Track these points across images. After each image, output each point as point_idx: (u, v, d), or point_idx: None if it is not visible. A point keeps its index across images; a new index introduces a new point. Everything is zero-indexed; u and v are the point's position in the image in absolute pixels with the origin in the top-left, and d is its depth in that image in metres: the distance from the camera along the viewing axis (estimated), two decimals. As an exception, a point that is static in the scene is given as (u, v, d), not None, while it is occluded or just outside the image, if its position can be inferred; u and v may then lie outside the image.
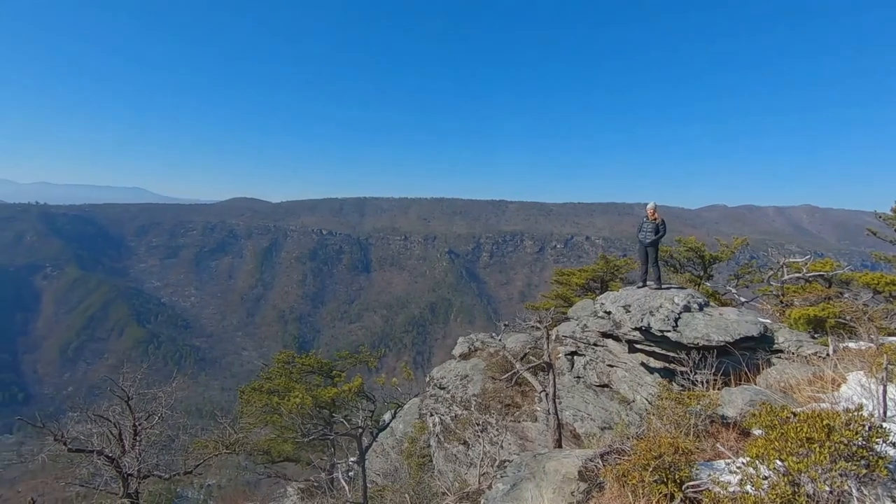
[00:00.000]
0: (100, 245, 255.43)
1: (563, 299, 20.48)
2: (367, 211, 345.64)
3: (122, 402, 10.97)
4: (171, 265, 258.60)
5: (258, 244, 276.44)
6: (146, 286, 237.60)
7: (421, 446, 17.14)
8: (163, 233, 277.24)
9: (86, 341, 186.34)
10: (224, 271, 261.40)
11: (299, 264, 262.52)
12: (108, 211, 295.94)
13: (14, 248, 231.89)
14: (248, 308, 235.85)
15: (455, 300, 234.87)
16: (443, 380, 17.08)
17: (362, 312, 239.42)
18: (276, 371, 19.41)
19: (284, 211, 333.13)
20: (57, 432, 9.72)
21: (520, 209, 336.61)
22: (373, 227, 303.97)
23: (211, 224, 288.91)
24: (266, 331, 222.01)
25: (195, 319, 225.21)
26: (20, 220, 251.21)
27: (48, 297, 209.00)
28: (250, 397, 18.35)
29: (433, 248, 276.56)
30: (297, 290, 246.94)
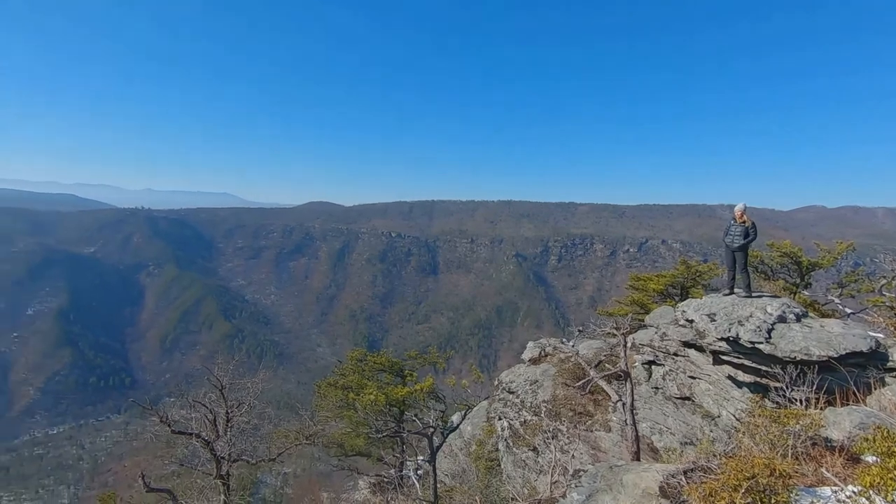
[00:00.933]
0: (194, 246, 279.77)
1: (640, 306, 19.57)
2: (435, 214, 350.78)
3: (217, 390, 11.97)
4: (254, 265, 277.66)
5: (332, 246, 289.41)
6: (232, 284, 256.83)
7: (489, 449, 17.09)
8: (247, 235, 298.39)
9: (181, 333, 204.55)
10: (301, 271, 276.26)
11: (370, 266, 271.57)
12: (201, 215, 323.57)
13: (123, 248, 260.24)
14: (323, 307, 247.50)
15: (522, 304, 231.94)
16: (512, 384, 16.94)
17: (429, 314, 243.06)
18: (350, 368, 20.19)
19: (356, 214, 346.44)
20: (162, 415, 10.81)
21: (590, 211, 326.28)
22: (440, 230, 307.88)
23: (290, 227, 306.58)
24: (339, 329, 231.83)
25: (275, 316, 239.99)
26: (128, 224, 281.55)
27: (150, 293, 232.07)
28: (326, 392, 19.24)
29: (500, 250, 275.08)
30: (367, 290, 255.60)
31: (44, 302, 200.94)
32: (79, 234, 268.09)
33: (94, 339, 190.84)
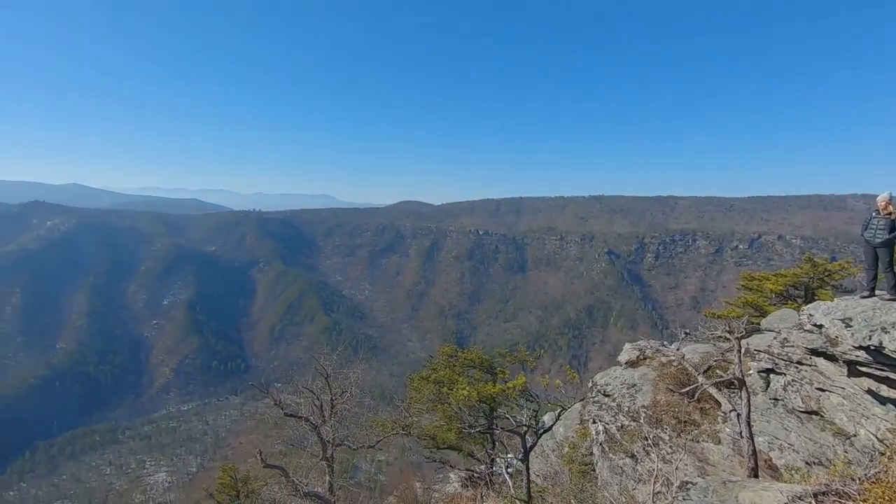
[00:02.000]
0: (298, 244, 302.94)
1: (754, 308, 17.75)
2: (522, 211, 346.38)
3: (322, 378, 12.90)
4: (350, 262, 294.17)
5: (421, 244, 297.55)
6: (331, 280, 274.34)
7: (583, 453, 16.56)
8: (344, 234, 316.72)
9: (287, 325, 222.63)
10: (393, 269, 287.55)
11: (458, 263, 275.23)
12: (304, 216, 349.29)
13: (238, 247, 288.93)
14: (413, 303, 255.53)
15: (615, 303, 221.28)
16: (607, 387, 16.25)
17: (517, 312, 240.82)
18: (441, 363, 20.64)
19: (445, 213, 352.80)
20: (276, 398, 11.88)
21: (692, 205, 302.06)
22: (528, 227, 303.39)
23: (382, 226, 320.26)
24: (428, 324, 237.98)
25: (369, 311, 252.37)
26: (242, 225, 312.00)
27: (261, 288, 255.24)
28: (418, 385, 19.85)
29: (591, 248, 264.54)
30: (455, 287, 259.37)
31: (176, 294, 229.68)
32: (203, 234, 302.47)
33: (216, 327, 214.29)
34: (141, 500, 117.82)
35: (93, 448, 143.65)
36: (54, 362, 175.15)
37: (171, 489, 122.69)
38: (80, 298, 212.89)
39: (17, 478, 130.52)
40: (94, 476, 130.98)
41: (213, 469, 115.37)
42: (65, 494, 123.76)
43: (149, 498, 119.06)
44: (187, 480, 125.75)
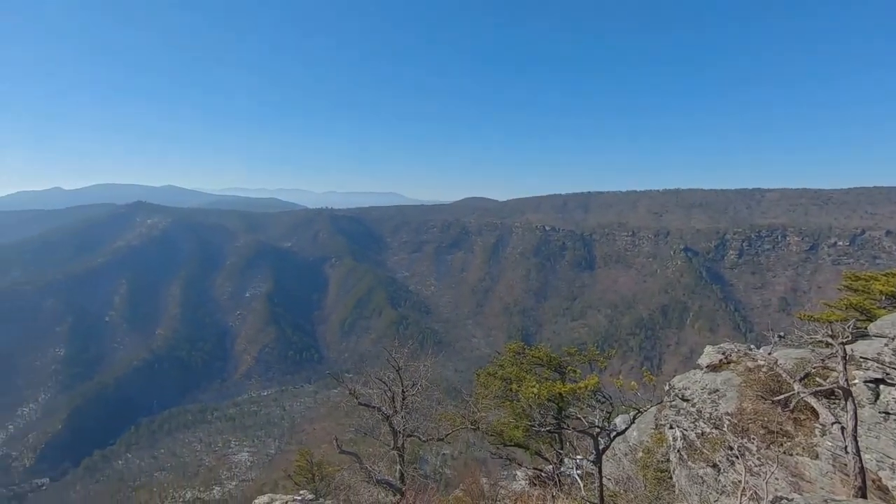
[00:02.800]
0: (367, 241, 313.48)
1: (859, 310, 15.97)
2: (591, 206, 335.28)
3: (394, 370, 13.26)
4: (416, 258, 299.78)
5: (487, 240, 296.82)
6: (398, 276, 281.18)
7: (658, 459, 15.78)
8: (410, 230, 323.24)
9: (356, 319, 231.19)
10: (458, 265, 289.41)
11: (523, 260, 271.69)
12: (373, 213, 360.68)
13: (312, 243, 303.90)
14: (478, 299, 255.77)
15: (692, 304, 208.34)
16: (686, 391, 15.33)
17: (585, 310, 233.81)
18: (508, 360, 20.48)
19: (510, 209, 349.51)
20: (351, 388, 12.37)
21: (781, 198, 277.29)
22: (597, 223, 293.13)
23: (447, 222, 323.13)
24: (493, 321, 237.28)
25: (435, 306, 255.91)
26: (316, 222, 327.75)
27: (333, 282, 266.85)
28: (485, 381, 19.85)
29: (665, 244, 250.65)
30: (521, 284, 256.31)
31: (257, 287, 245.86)
32: (280, 231, 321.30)
33: (292, 319, 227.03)
34: (227, 477, 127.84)
35: (186, 426, 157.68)
36: (154, 347, 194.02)
37: (253, 468, 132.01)
38: (175, 290, 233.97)
39: (124, 449, 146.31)
40: (187, 451, 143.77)
41: (290, 452, 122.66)
42: (163, 466, 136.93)
43: (234, 475, 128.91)
44: (267, 461, 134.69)
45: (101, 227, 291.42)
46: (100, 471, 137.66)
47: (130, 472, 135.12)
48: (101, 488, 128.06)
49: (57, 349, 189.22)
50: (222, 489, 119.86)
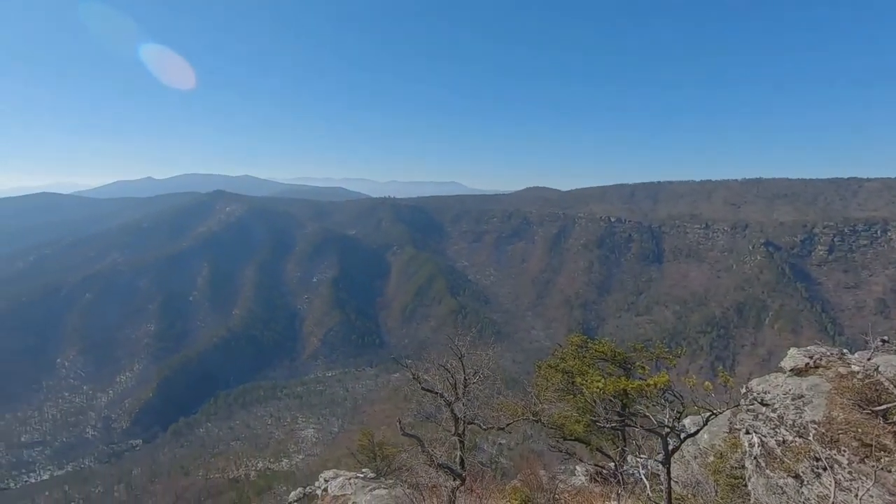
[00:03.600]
0: (428, 230, 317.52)
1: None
2: (661, 197, 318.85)
3: (457, 358, 13.41)
4: (476, 248, 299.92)
5: (548, 231, 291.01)
6: (457, 265, 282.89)
7: (732, 465, 14.88)
8: (471, 220, 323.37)
9: (416, 306, 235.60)
10: (518, 255, 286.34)
11: (586, 251, 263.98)
12: (433, 202, 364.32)
13: (375, 231, 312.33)
14: (538, 290, 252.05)
15: (772, 302, 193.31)
16: (766, 395, 14.29)
17: (651, 305, 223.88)
18: (570, 353, 20.04)
19: (573, 199, 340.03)
20: (415, 373, 12.66)
21: (882, 188, 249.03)
22: (667, 214, 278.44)
23: (508, 212, 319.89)
24: (553, 313, 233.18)
25: (494, 297, 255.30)
26: (379, 210, 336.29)
27: (394, 270, 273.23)
28: (546, 373, 19.57)
29: (743, 238, 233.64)
30: (583, 276, 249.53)
31: (323, 273, 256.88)
32: (346, 219, 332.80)
33: (355, 304, 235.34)
34: (294, 451, 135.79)
35: (258, 401, 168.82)
36: (231, 326, 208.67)
37: (318, 444, 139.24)
38: (250, 273, 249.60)
39: (205, 418, 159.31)
40: (259, 424, 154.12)
41: (352, 431, 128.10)
42: (238, 436, 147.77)
43: (300, 449, 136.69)
44: (330, 438, 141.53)
45: (186, 214, 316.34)
46: (184, 436, 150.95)
47: (210, 440, 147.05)
48: (185, 452, 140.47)
49: (149, 325, 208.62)
50: (290, 462, 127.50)
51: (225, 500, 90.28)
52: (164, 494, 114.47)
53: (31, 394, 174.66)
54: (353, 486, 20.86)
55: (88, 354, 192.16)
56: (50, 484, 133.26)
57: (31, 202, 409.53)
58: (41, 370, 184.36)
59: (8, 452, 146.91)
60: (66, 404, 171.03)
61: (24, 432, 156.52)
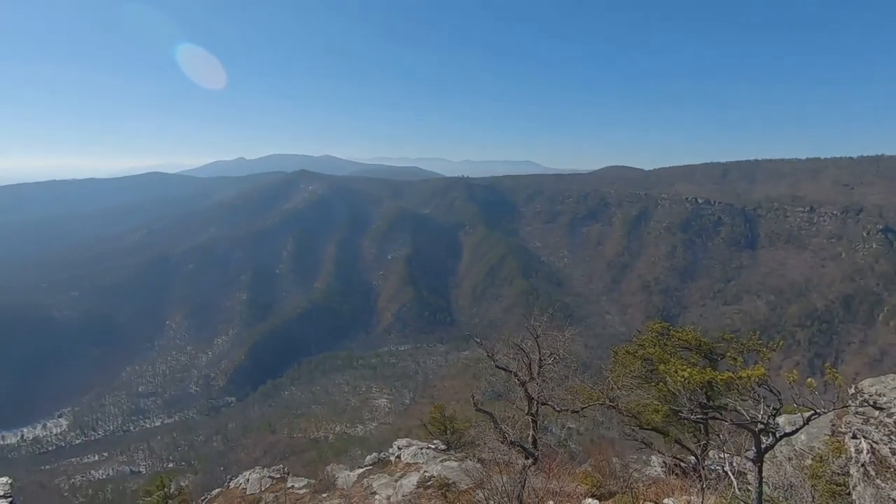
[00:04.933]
0: (500, 209, 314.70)
1: None
2: (758, 176, 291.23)
3: (533, 338, 13.32)
4: (549, 229, 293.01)
5: (627, 212, 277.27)
6: (530, 246, 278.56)
7: (834, 471, 13.59)
8: (545, 200, 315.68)
9: (487, 286, 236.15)
10: (594, 237, 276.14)
11: (669, 235, 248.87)
12: (507, 182, 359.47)
13: (448, 210, 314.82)
14: (614, 274, 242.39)
15: (889, 296, 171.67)
16: (880, 398, 12.79)
17: (741, 294, 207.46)
18: (649, 339, 19.15)
19: (657, 178, 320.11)
20: (490, 351, 12.76)
21: None
22: (765, 196, 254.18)
23: (585, 192, 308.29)
24: (630, 299, 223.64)
25: (566, 279, 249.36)
26: (452, 190, 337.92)
27: (466, 249, 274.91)
28: (623, 359, 18.87)
29: (856, 223, 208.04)
30: (664, 261, 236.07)
31: (398, 250, 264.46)
32: (420, 198, 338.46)
33: (428, 282, 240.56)
34: (368, 418, 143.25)
35: (336, 369, 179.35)
36: (313, 298, 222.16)
37: (390, 414, 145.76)
38: (330, 249, 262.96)
39: (289, 382, 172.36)
40: (337, 391, 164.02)
41: (422, 404, 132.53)
42: (317, 401, 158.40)
43: (374, 417, 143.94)
44: (402, 409, 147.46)
45: (273, 193, 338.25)
46: (271, 397, 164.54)
47: (294, 402, 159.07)
48: (272, 412, 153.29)
49: (241, 293, 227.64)
50: (364, 428, 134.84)
51: (306, 458, 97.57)
52: (254, 448, 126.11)
53: (146, 351, 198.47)
54: (425, 455, 21.67)
55: (191, 319, 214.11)
56: (161, 430, 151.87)
57: (143, 180, 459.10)
58: (154, 331, 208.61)
59: (129, 400, 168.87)
60: (173, 362, 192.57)
61: (141, 384, 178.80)
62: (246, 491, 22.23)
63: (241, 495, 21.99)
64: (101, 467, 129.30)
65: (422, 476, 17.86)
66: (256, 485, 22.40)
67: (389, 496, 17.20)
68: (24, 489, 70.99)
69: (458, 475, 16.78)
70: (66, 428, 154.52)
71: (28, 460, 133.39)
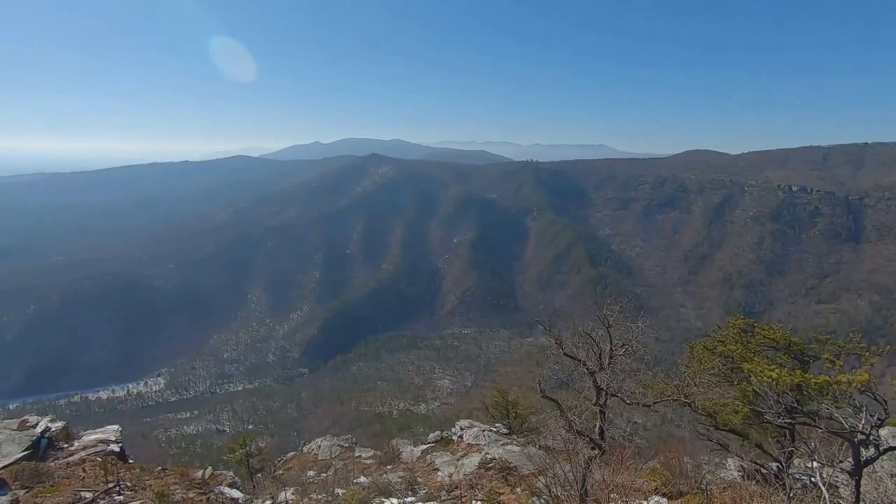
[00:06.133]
0: (569, 195, 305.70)
1: None
2: (866, 162, 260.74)
3: (604, 327, 12.93)
4: (621, 216, 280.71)
5: (709, 199, 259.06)
6: (600, 233, 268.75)
7: (946, 493, 12.12)
8: (617, 186, 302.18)
9: (553, 273, 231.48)
10: (670, 225, 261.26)
11: (756, 225, 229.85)
12: (577, 166, 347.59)
13: (516, 195, 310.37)
14: (691, 266, 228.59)
15: None
16: None
17: (838, 292, 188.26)
18: (731, 336, 17.96)
19: (744, 164, 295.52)
20: (558, 338, 12.56)
21: None
22: (874, 184, 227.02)
23: (661, 178, 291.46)
24: (707, 292, 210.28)
25: (638, 269, 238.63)
26: (520, 174, 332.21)
27: (533, 235, 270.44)
28: (700, 355, 17.85)
29: None
30: (749, 253, 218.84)
31: (464, 234, 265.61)
32: (486, 182, 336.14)
33: (492, 267, 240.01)
34: (431, 397, 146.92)
35: (401, 348, 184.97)
36: (380, 278, 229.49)
37: (452, 395, 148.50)
38: (398, 231, 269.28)
39: (357, 357, 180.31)
40: (401, 369, 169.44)
41: (483, 388, 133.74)
42: (382, 377, 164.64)
43: (436, 397, 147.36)
44: (464, 391, 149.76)
45: (345, 175, 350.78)
46: (340, 371, 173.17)
47: (361, 377, 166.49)
48: (340, 385, 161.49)
49: (315, 272, 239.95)
50: (427, 406, 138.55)
51: (371, 430, 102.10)
52: (324, 417, 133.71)
53: (231, 321, 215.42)
54: (487, 437, 21.90)
55: (270, 293, 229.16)
56: (242, 394, 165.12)
57: (229, 163, 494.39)
58: (238, 302, 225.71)
59: (215, 365, 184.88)
60: (254, 332, 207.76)
61: (226, 351, 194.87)
62: (318, 456, 23.70)
63: (314, 460, 23.48)
64: (191, 423, 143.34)
65: (483, 457, 18.08)
66: (327, 451, 23.80)
67: (451, 474, 17.59)
68: (129, 437, 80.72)
69: (520, 460, 16.80)
70: (163, 386, 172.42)
71: (133, 412, 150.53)
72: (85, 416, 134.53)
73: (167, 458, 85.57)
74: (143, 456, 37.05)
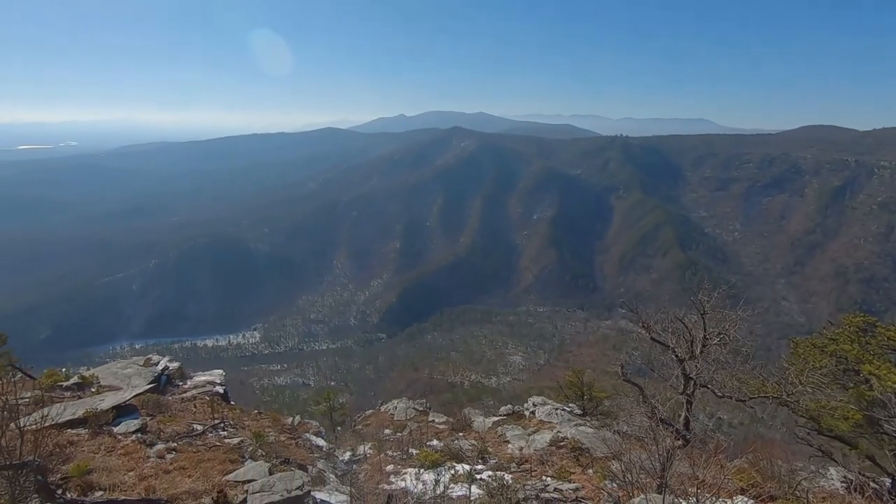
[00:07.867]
0: (660, 173, 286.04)
1: None
2: None
3: (698, 314, 12.13)
4: (719, 197, 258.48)
5: (827, 182, 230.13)
6: (693, 215, 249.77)
7: None
8: (717, 164, 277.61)
9: (637, 255, 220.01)
10: (776, 210, 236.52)
11: (884, 213, 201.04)
12: (671, 142, 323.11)
13: (601, 172, 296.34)
14: (798, 255, 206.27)
15: None
16: None
17: None
18: (845, 335, 16.07)
19: (874, 141, 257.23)
20: (646, 322, 11.98)
21: None
22: None
23: (770, 156, 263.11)
24: (816, 285, 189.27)
25: (734, 255, 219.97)
26: (607, 150, 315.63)
27: (617, 214, 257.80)
28: (806, 353, 16.21)
29: None
30: (871, 244, 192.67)
31: (543, 211, 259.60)
32: (570, 157, 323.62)
33: (572, 245, 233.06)
34: (502, 372, 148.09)
35: (475, 322, 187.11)
36: (457, 251, 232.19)
37: (524, 371, 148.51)
38: (477, 205, 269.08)
39: (432, 327, 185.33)
40: (474, 342, 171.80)
41: (556, 367, 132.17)
42: (455, 349, 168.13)
43: (508, 372, 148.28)
44: (536, 369, 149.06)
45: (427, 148, 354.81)
46: (416, 339, 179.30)
47: (435, 346, 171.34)
48: (415, 352, 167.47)
49: (395, 242, 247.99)
50: (498, 380, 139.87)
51: (443, 398, 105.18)
52: (399, 380, 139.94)
53: (317, 284, 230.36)
54: (559, 416, 21.71)
55: (353, 260, 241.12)
56: (326, 353, 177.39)
57: (319, 135, 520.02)
58: (324, 267, 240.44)
59: (303, 324, 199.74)
60: (337, 296, 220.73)
61: (313, 311, 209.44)
62: (394, 416, 24.93)
63: (390, 419, 24.75)
64: (281, 375, 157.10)
65: (555, 435, 17.97)
66: (403, 413, 24.94)
67: (522, 447, 17.72)
68: (229, 382, 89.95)
69: (593, 442, 16.49)
70: (258, 339, 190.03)
71: (232, 360, 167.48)
72: (194, 359, 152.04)
73: (260, 404, 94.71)
74: (241, 399, 41.25)
